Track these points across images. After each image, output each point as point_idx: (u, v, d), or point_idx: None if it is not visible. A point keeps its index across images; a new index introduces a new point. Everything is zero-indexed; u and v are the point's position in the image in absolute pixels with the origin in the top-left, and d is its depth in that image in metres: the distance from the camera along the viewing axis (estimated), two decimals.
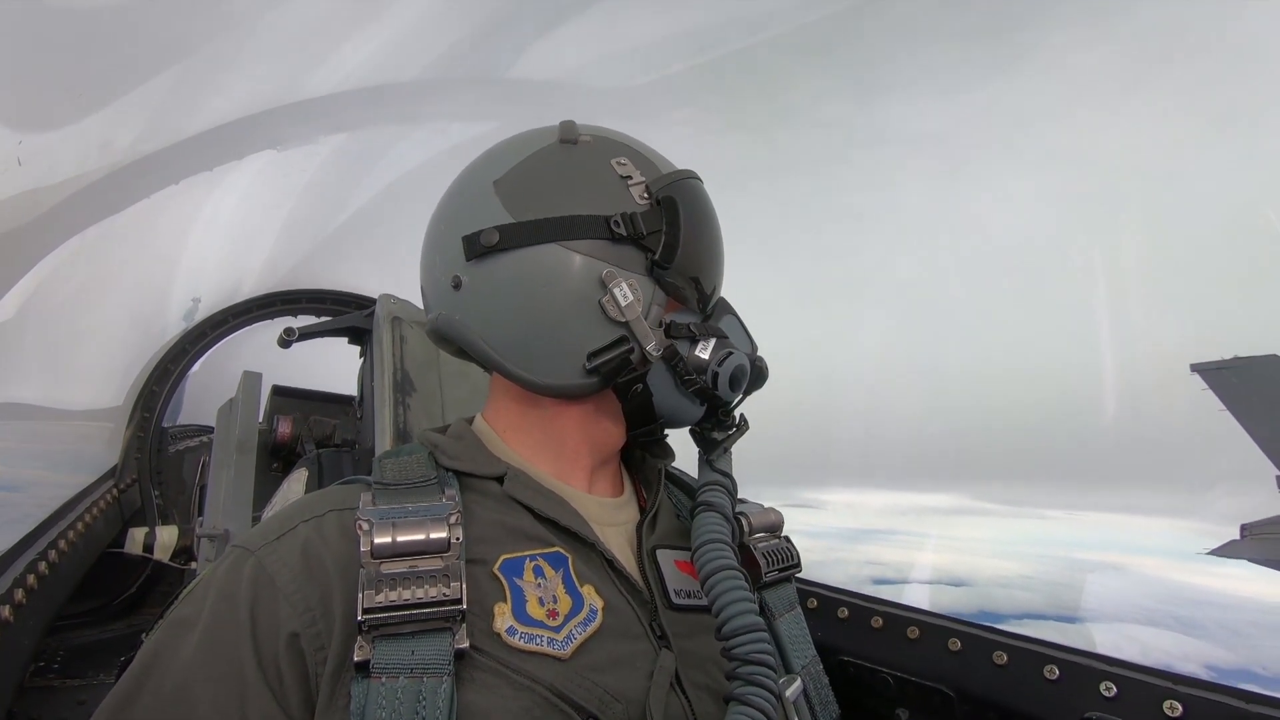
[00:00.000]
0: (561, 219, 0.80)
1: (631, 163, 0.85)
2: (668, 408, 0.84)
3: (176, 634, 0.67)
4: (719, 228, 0.90)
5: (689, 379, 0.81)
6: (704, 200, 0.88)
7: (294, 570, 0.68)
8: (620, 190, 0.82)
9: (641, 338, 0.80)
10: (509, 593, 0.71)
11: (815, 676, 0.90)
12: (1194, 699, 0.94)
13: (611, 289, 0.78)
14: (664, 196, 0.83)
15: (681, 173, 0.88)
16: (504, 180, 0.83)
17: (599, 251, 0.80)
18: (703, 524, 0.81)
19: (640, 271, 0.81)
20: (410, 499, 0.73)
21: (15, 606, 1.64)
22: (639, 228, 0.81)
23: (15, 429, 2.24)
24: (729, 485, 0.87)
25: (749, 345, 0.89)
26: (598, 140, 0.87)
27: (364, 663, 0.63)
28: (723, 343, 0.83)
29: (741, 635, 0.72)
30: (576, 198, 0.81)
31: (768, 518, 0.97)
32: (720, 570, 0.76)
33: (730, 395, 0.84)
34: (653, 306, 0.81)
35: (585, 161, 0.84)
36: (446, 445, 0.85)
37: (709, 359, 0.82)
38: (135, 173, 2.10)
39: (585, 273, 0.79)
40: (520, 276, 0.80)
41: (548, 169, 0.84)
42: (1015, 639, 1.15)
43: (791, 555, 0.95)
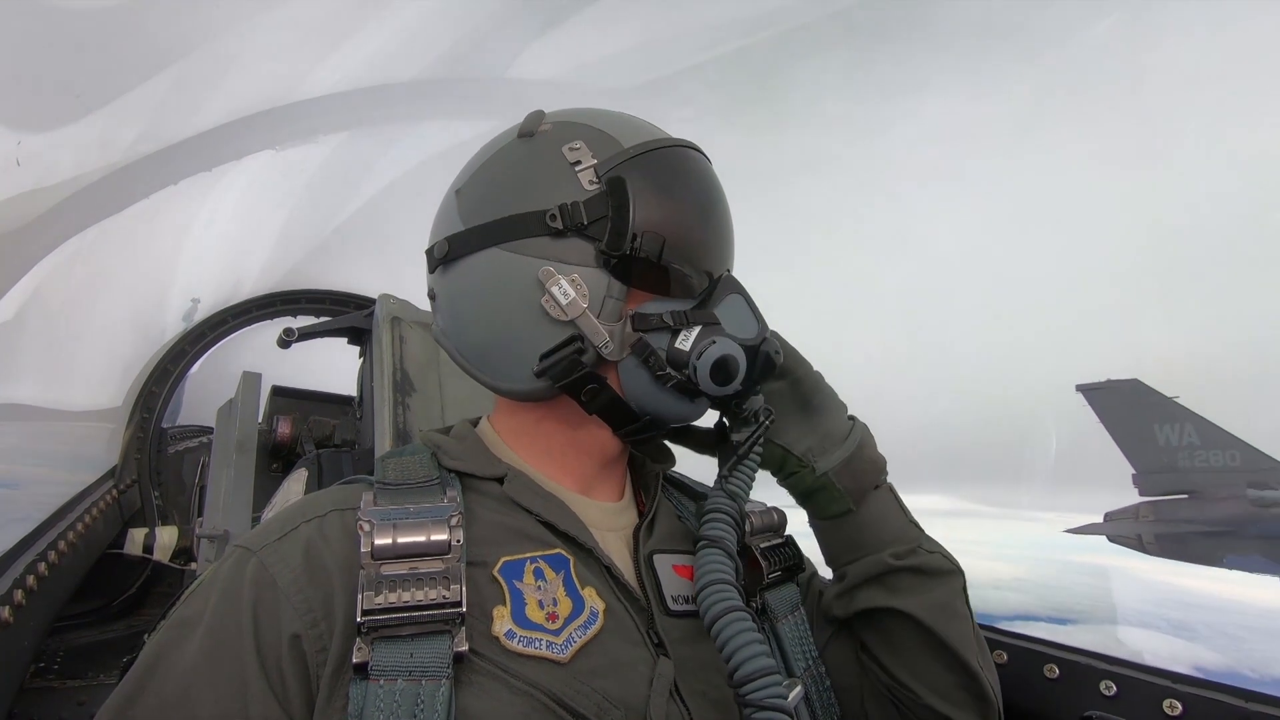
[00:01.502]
0: (501, 221, 0.77)
1: (586, 145, 0.78)
2: (650, 406, 0.79)
3: (179, 635, 0.67)
4: (708, 201, 0.82)
5: (664, 374, 0.76)
6: (675, 173, 0.80)
7: (296, 571, 0.67)
8: (567, 179, 0.77)
9: (591, 335, 0.75)
10: (508, 596, 0.71)
11: (818, 678, 0.89)
12: (1193, 698, 0.94)
13: (549, 288, 0.74)
14: (612, 178, 0.76)
15: (643, 145, 0.79)
16: (464, 188, 0.82)
17: (541, 249, 0.75)
18: (704, 563, 0.76)
19: (590, 264, 0.75)
20: (412, 499, 0.73)
21: (15, 607, 1.64)
22: (579, 218, 0.75)
23: (15, 429, 2.24)
24: (734, 512, 0.80)
25: (754, 329, 0.80)
26: (557, 127, 0.81)
27: (362, 664, 0.63)
28: (708, 330, 0.76)
29: (755, 681, 0.68)
30: (520, 195, 0.77)
31: (770, 518, 0.96)
32: (728, 613, 0.71)
33: (715, 389, 0.76)
34: (608, 300, 0.75)
35: (537, 154, 0.79)
36: (449, 446, 0.84)
37: (689, 349, 0.75)
38: (134, 173, 2.10)
39: (525, 273, 0.75)
40: (469, 284, 0.79)
41: (501, 169, 0.81)
42: (1015, 638, 1.15)
43: (794, 556, 0.95)
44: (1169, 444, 4.78)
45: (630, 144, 0.79)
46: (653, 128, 0.83)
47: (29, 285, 1.97)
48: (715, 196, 0.83)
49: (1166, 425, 4.68)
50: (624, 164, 0.77)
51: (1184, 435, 4.81)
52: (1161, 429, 4.72)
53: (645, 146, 0.79)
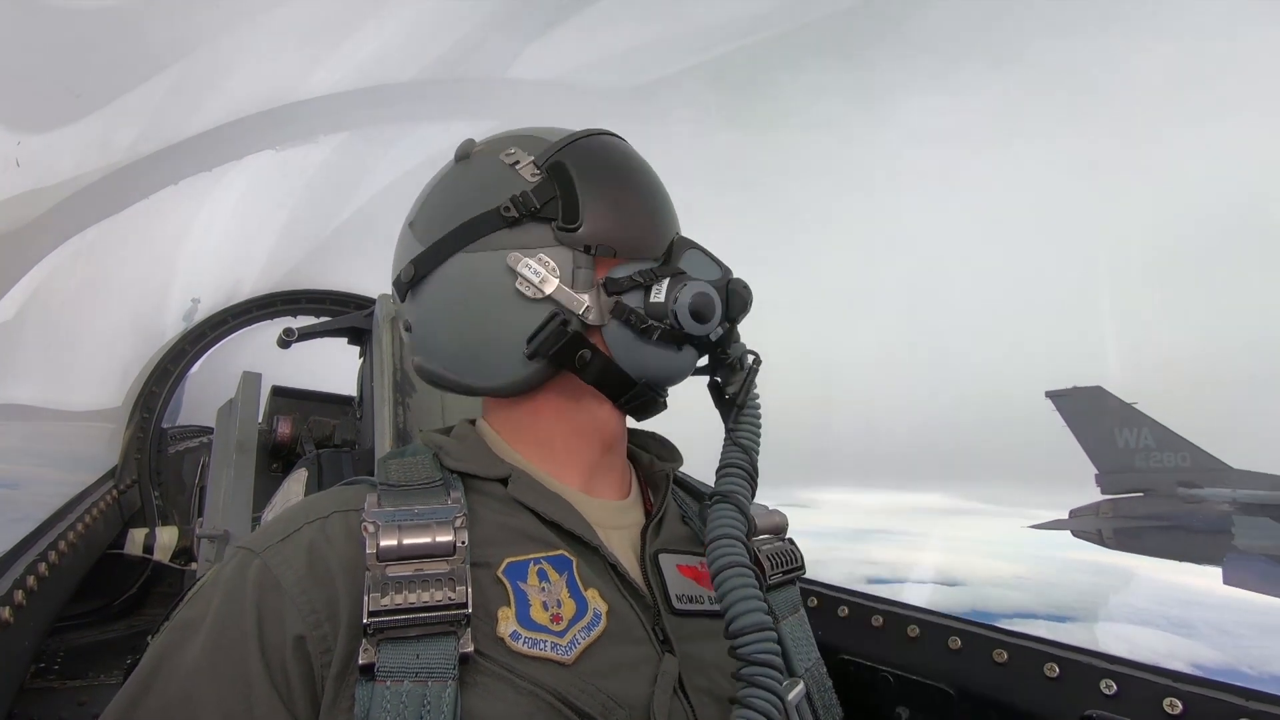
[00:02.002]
0: (459, 228, 0.82)
1: (520, 148, 0.84)
2: (643, 366, 0.82)
3: (182, 636, 0.67)
4: (640, 170, 0.88)
5: (648, 327, 0.79)
6: (606, 151, 0.87)
7: (299, 572, 0.68)
8: (510, 177, 0.82)
9: (570, 304, 0.78)
10: (513, 597, 0.71)
11: (819, 679, 0.90)
12: (1194, 696, 0.94)
13: (519, 271, 0.79)
14: (552, 164, 0.82)
15: (572, 135, 0.86)
16: (416, 219, 0.88)
17: (501, 242, 0.80)
18: (716, 518, 0.77)
19: (551, 244, 0.80)
20: (416, 501, 0.73)
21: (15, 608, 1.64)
22: (531, 203, 0.80)
23: (15, 429, 2.24)
24: (748, 468, 0.82)
25: (718, 271, 0.85)
26: (489, 144, 0.88)
27: (369, 666, 0.63)
28: (678, 279, 0.80)
29: (749, 634, 0.70)
30: (470, 204, 0.83)
31: (772, 519, 0.96)
32: (730, 567, 0.73)
33: (699, 328, 0.79)
34: (577, 271, 0.80)
35: (475, 168, 0.86)
36: (450, 446, 0.84)
37: (665, 299, 0.79)
38: (134, 173, 2.10)
39: (493, 267, 0.80)
40: (442, 296, 0.83)
41: (444, 191, 0.88)
42: (1015, 637, 1.15)
43: (795, 558, 0.95)
44: (1128, 446, 5.12)
45: (556, 139, 0.85)
46: (580, 130, 0.90)
47: (29, 285, 1.97)
48: (646, 169, 0.89)
49: (1126, 429, 5.03)
50: (558, 152, 0.84)
51: (1141, 438, 5.15)
52: (1121, 433, 5.07)
53: (571, 137, 0.86)
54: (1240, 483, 5.18)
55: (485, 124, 0.92)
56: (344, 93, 2.39)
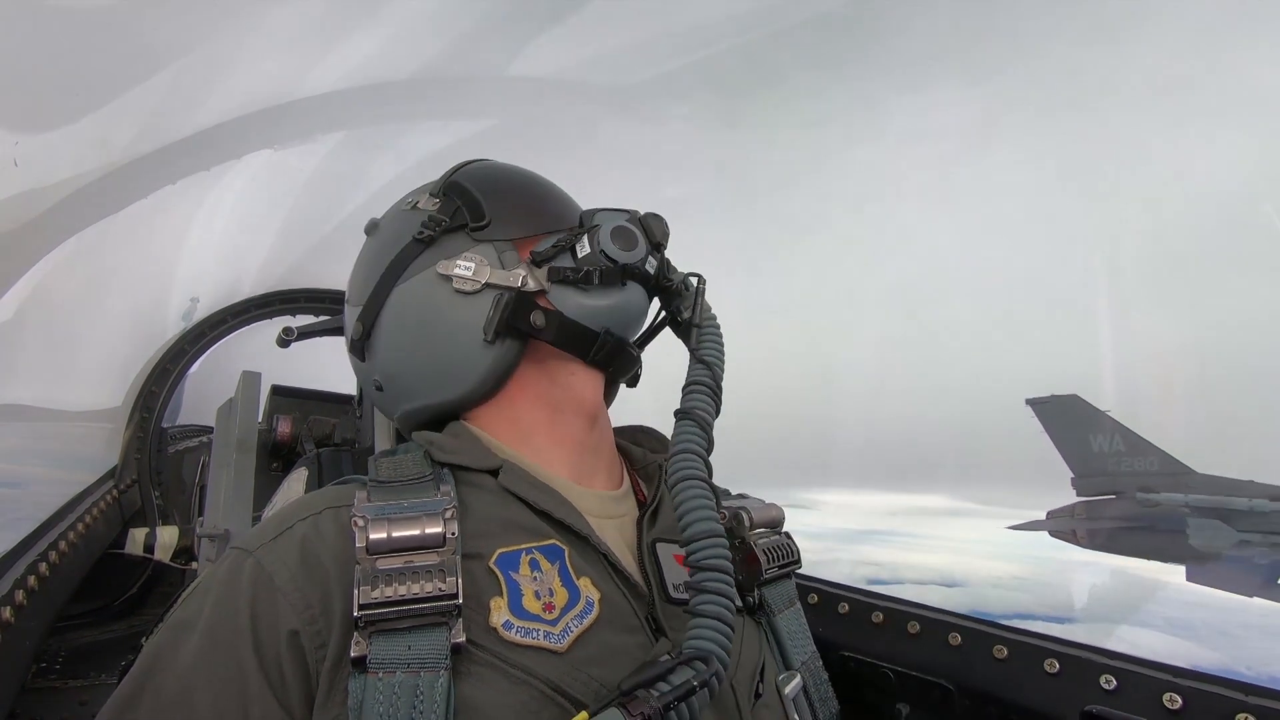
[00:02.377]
0: (385, 270, 0.91)
1: (414, 194, 0.95)
2: (596, 313, 0.87)
3: (177, 636, 0.67)
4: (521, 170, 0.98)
5: (584, 273, 0.86)
6: (487, 164, 0.97)
7: (292, 569, 0.68)
8: (414, 216, 0.92)
9: (507, 281, 0.85)
10: (505, 587, 0.71)
11: (815, 672, 0.91)
12: (1193, 691, 0.94)
13: (451, 274, 0.85)
14: (446, 186, 0.93)
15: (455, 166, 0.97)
16: (350, 295, 0.98)
17: (426, 262, 0.88)
18: (678, 434, 0.82)
19: (469, 245, 0.88)
20: (405, 495, 0.73)
21: (16, 608, 1.64)
22: (439, 219, 0.89)
23: (14, 430, 2.24)
24: (712, 384, 0.86)
25: (625, 214, 0.93)
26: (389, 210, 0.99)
27: (361, 658, 0.63)
28: (594, 230, 0.89)
29: (699, 541, 0.73)
30: (389, 249, 0.92)
31: (769, 513, 0.96)
32: (686, 479, 0.77)
33: (629, 255, 0.88)
34: (503, 256, 0.87)
35: (384, 228, 0.96)
36: (442, 441, 0.85)
37: (591, 249, 0.87)
38: (133, 173, 2.09)
39: (427, 283, 0.87)
40: (395, 330, 0.90)
41: (365, 258, 0.97)
42: (1015, 633, 1.16)
43: (792, 551, 0.96)
44: (1101, 451, 5.41)
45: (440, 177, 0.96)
46: None
47: (28, 285, 1.97)
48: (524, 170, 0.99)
49: (1099, 435, 5.31)
50: (447, 178, 0.94)
51: (1113, 444, 5.44)
52: (1095, 438, 5.37)
53: (454, 167, 0.96)
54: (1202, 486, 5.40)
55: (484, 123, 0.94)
56: (342, 91, 2.39)
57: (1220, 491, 5.38)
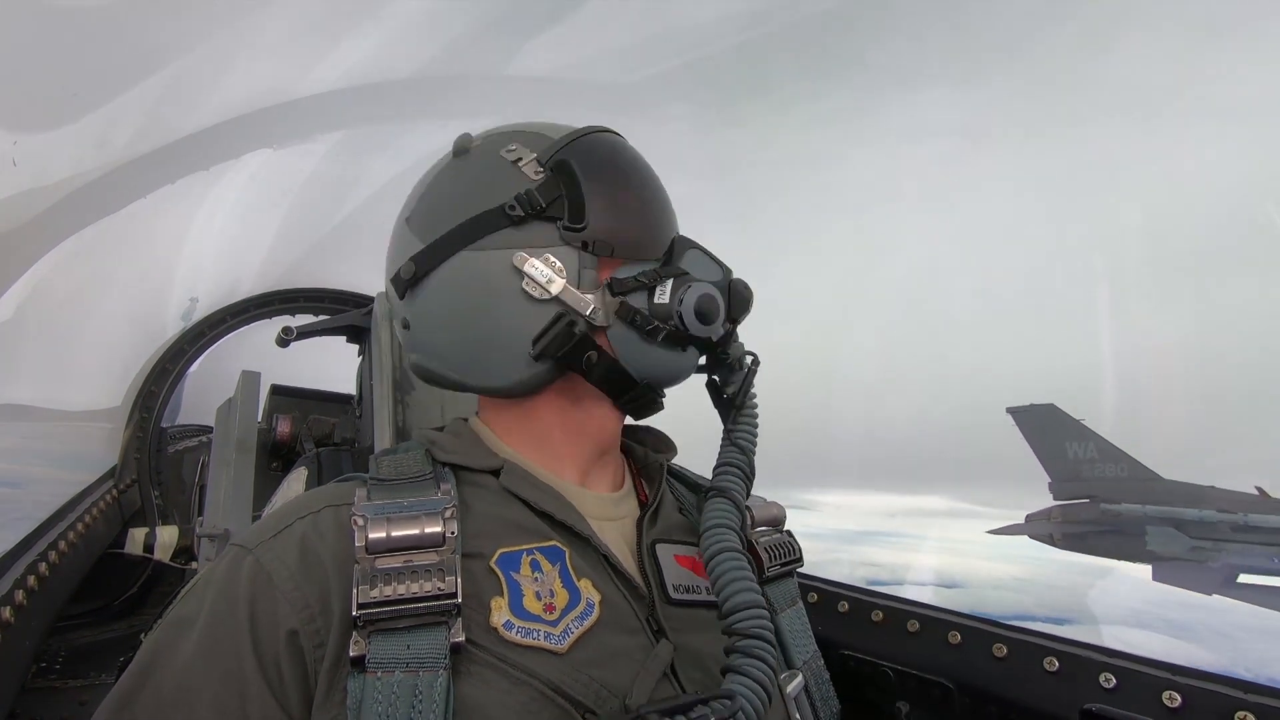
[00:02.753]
0: (462, 225, 0.80)
1: (521, 144, 0.83)
2: (646, 367, 0.82)
3: (176, 633, 0.67)
4: (643, 170, 0.87)
5: (653, 328, 0.79)
6: (610, 150, 0.85)
7: (292, 568, 0.68)
8: (513, 174, 0.81)
9: (577, 305, 0.78)
10: (506, 587, 0.71)
11: (816, 672, 0.90)
12: (1193, 689, 0.95)
13: (526, 271, 0.78)
14: (556, 162, 0.81)
15: (577, 131, 0.85)
16: (413, 214, 0.86)
17: (506, 240, 0.79)
18: (711, 509, 0.80)
19: (556, 244, 0.79)
20: (406, 494, 0.73)
21: (16, 608, 1.64)
22: (537, 202, 0.79)
23: (14, 429, 2.24)
24: (745, 467, 0.84)
25: (719, 272, 0.85)
26: (488, 140, 0.86)
27: (360, 658, 0.63)
28: (681, 280, 0.80)
29: (742, 611, 0.71)
30: (472, 201, 0.81)
31: (770, 511, 0.96)
32: (723, 552, 0.75)
33: (704, 329, 0.80)
34: (583, 271, 0.79)
35: (476, 164, 0.84)
36: (443, 441, 0.85)
37: (670, 300, 0.79)
38: (132, 172, 2.09)
39: (498, 266, 0.79)
40: (444, 294, 0.82)
41: (444, 186, 0.86)
42: (1015, 631, 1.16)
43: (793, 550, 0.95)
44: (1076, 458, 5.74)
45: (558, 136, 0.84)
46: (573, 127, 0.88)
47: (28, 285, 1.97)
48: (647, 168, 0.88)
49: (1074, 442, 5.64)
50: (562, 149, 0.82)
51: (1087, 451, 5.76)
52: (1070, 445, 5.69)
53: (573, 135, 0.84)
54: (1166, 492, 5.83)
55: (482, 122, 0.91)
56: (341, 91, 2.38)
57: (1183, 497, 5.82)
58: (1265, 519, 5.64)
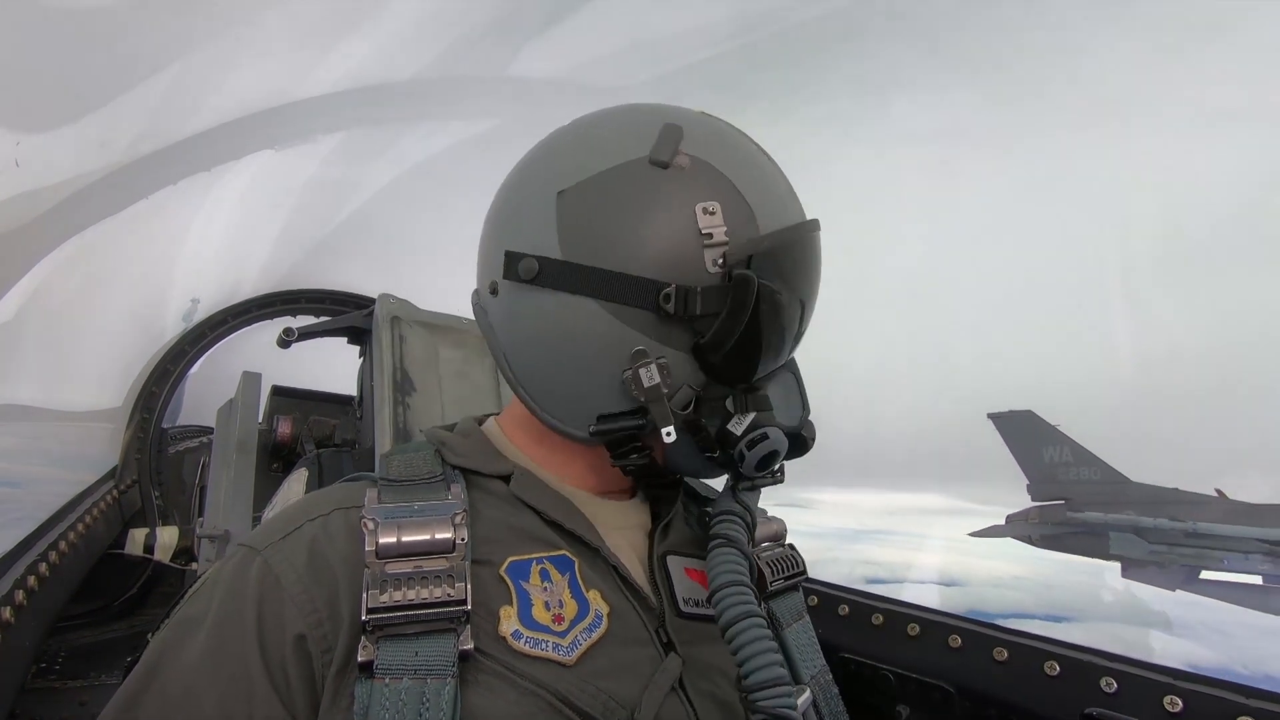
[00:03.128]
0: (610, 275, 0.70)
1: (723, 212, 0.70)
2: (680, 467, 0.80)
3: (183, 634, 0.67)
4: (816, 289, 0.77)
5: (711, 455, 0.74)
6: (797, 266, 0.74)
7: (300, 570, 0.67)
8: (691, 251, 0.69)
9: (659, 419, 0.71)
10: (515, 596, 0.70)
11: (824, 686, 0.89)
12: (1194, 694, 0.94)
13: (638, 368, 0.71)
14: (739, 276, 0.69)
15: (779, 232, 0.72)
16: (569, 195, 0.73)
17: (639, 321, 0.71)
18: (719, 563, 0.73)
19: (682, 349, 0.72)
20: (416, 496, 0.73)
21: (16, 608, 1.64)
22: (692, 308, 0.69)
23: (15, 430, 2.24)
24: (747, 519, 0.79)
25: (799, 410, 0.78)
26: (696, 167, 0.72)
27: (368, 663, 0.63)
28: (763, 417, 0.73)
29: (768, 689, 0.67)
30: (637, 250, 0.70)
31: (771, 527, 0.94)
32: (742, 618, 0.70)
33: (755, 475, 0.75)
34: (684, 387, 0.73)
35: (668, 199, 0.71)
36: (453, 442, 0.84)
37: (740, 435, 0.72)
38: (134, 173, 2.09)
39: (618, 340, 0.71)
40: (550, 318, 0.74)
41: (620, 198, 0.72)
42: (1015, 635, 1.15)
43: (796, 564, 0.93)
44: (1052, 461, 6.07)
45: (766, 226, 0.72)
46: (784, 193, 0.77)
47: (29, 285, 1.97)
48: (809, 299, 0.78)
49: (1050, 446, 5.97)
50: (755, 256, 0.70)
51: (1062, 455, 6.10)
52: (1047, 450, 6.03)
53: (780, 236, 0.73)
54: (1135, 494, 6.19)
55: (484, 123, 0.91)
56: (343, 92, 2.39)
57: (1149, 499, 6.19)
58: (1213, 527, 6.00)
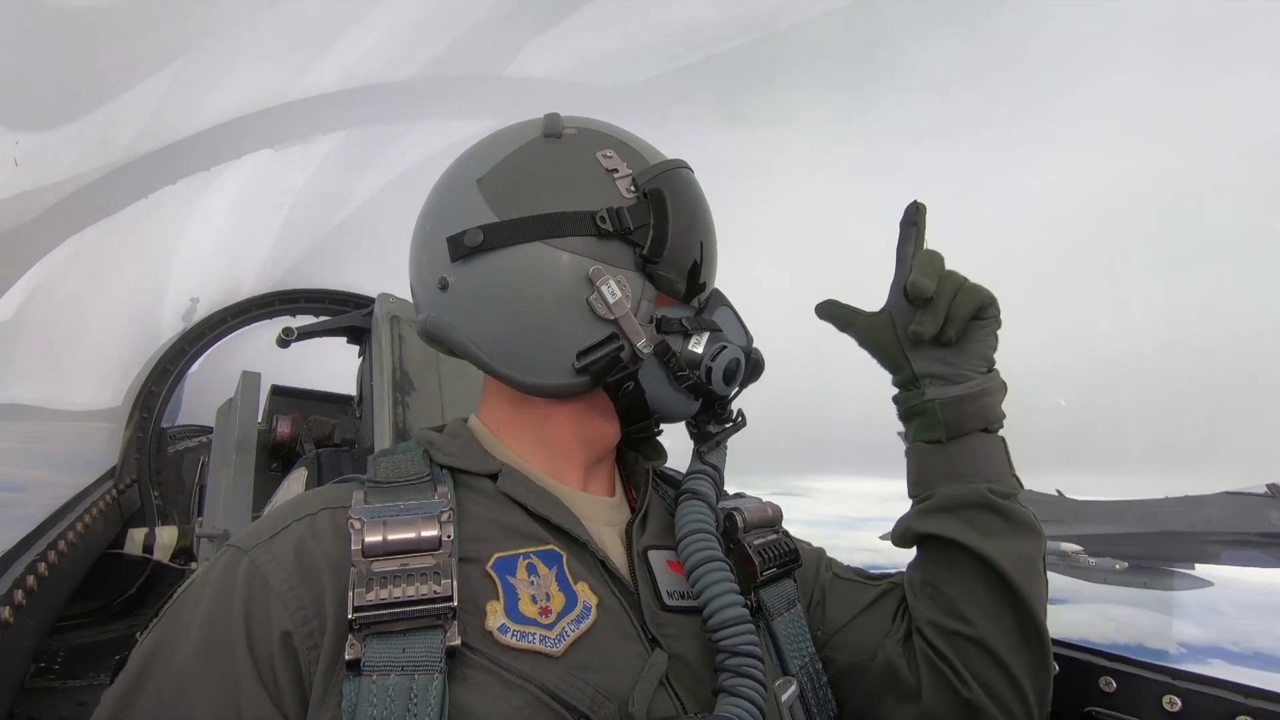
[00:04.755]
0: (546, 216, 0.78)
1: (618, 155, 0.82)
2: (661, 404, 0.85)
3: (173, 634, 0.67)
4: (710, 219, 0.88)
5: (682, 374, 0.82)
6: (694, 191, 0.86)
7: (287, 569, 0.68)
8: (606, 184, 0.81)
9: (632, 335, 0.79)
10: (501, 591, 0.71)
11: (814, 676, 0.89)
12: (1193, 693, 0.95)
13: (599, 286, 0.77)
14: (651, 189, 0.81)
15: (671, 163, 0.86)
16: (487, 178, 0.81)
17: (585, 248, 0.78)
18: (686, 513, 0.83)
19: (629, 267, 0.80)
20: (403, 497, 0.73)
21: (15, 608, 1.64)
22: (625, 222, 0.79)
23: (14, 430, 2.24)
24: (715, 476, 0.89)
25: (744, 338, 0.89)
26: (583, 133, 0.84)
27: (355, 661, 0.63)
28: (716, 336, 0.83)
29: (728, 629, 0.73)
30: (561, 194, 0.80)
31: (765, 513, 0.95)
32: (705, 562, 0.78)
33: (725, 389, 0.84)
34: (642, 302, 0.80)
35: (570, 156, 0.82)
36: (441, 442, 0.84)
37: (703, 353, 0.82)
38: (133, 172, 2.09)
39: (572, 271, 0.78)
40: (506, 276, 0.78)
41: (531, 165, 0.82)
42: None
43: (789, 551, 0.94)
44: None
45: (653, 160, 0.85)
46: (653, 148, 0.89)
47: (28, 285, 1.97)
48: (710, 216, 0.89)
49: None
50: (656, 178, 0.82)
51: None
52: None
53: (666, 165, 0.85)
54: None
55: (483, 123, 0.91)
56: (342, 91, 2.39)
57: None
58: None
